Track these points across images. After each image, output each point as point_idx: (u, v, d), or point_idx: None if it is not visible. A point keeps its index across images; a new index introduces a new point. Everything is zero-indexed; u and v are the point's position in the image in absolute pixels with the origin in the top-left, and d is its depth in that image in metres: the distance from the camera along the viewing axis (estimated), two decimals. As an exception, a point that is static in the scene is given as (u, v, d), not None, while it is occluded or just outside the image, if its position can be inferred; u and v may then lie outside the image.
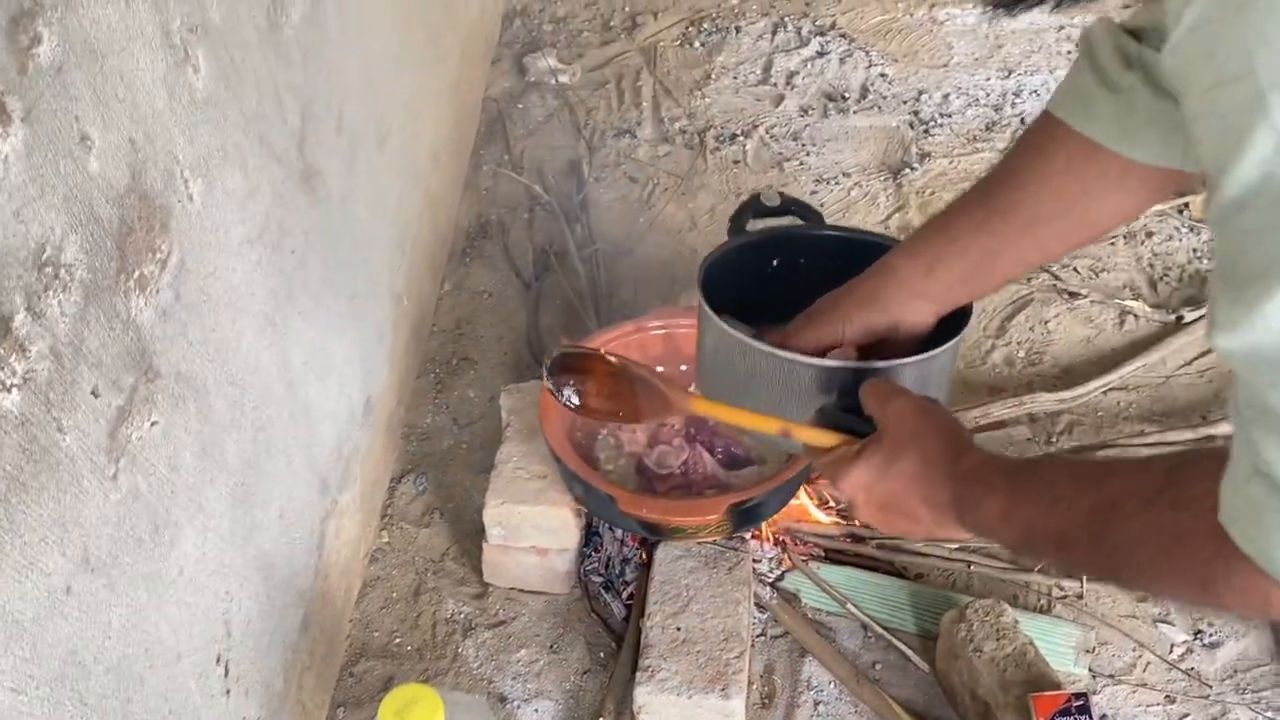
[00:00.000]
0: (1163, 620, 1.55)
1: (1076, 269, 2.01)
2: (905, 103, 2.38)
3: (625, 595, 1.55)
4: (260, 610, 1.26)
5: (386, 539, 1.69)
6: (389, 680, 1.52)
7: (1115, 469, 0.78)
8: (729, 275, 1.14)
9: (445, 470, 1.77)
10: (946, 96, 2.38)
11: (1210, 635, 1.53)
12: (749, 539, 1.55)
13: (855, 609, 1.54)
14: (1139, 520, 0.70)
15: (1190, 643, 1.53)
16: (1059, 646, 1.48)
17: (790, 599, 1.57)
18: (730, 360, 1.05)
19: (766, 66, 2.49)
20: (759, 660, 1.52)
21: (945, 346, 1.02)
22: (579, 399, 1.09)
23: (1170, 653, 1.52)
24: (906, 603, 1.55)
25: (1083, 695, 1.34)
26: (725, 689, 1.38)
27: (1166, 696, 1.48)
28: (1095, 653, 1.51)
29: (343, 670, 1.54)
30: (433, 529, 1.70)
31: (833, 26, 2.56)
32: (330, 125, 1.45)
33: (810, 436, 0.99)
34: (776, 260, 1.20)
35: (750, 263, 1.19)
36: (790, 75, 2.46)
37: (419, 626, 1.59)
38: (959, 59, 2.45)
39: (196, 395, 1.09)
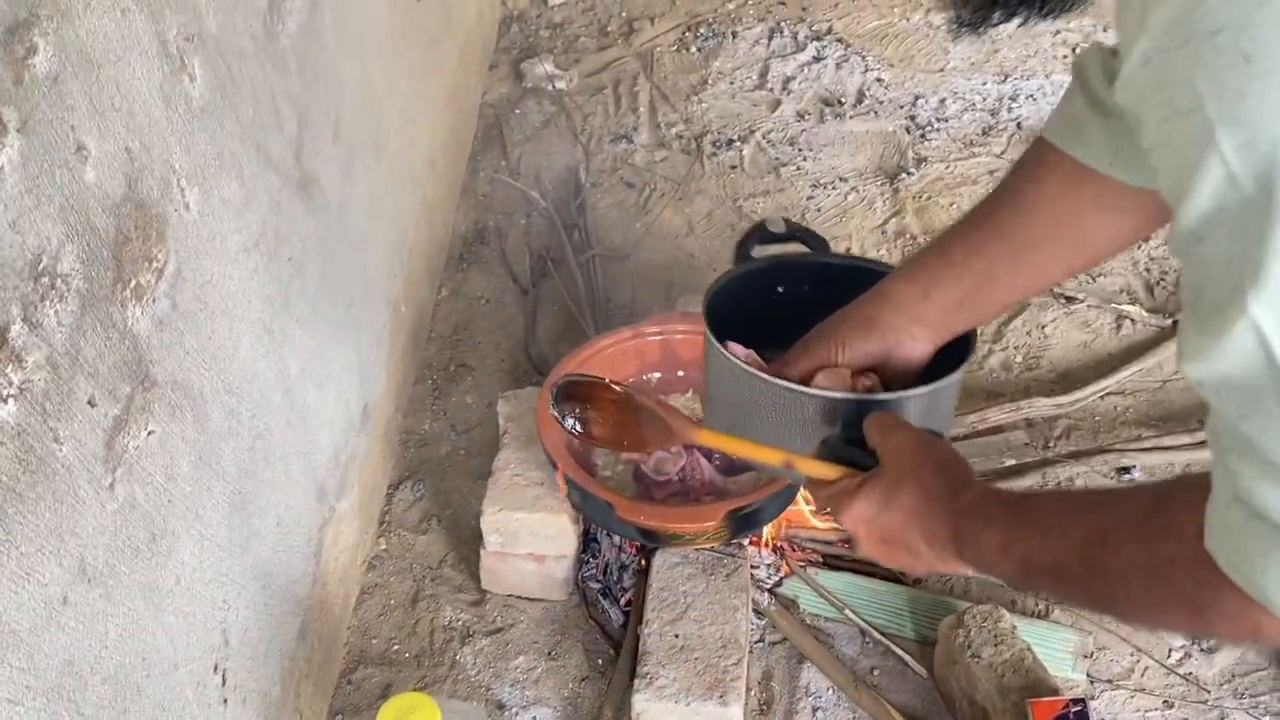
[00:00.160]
0: (1161, 625, 1.55)
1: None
2: (901, 107, 2.38)
3: (623, 602, 1.55)
4: (258, 618, 1.26)
5: (384, 546, 1.69)
6: (387, 688, 1.52)
7: (1105, 499, 0.79)
8: (734, 302, 1.14)
9: (443, 477, 1.77)
10: (943, 101, 2.38)
11: (1208, 640, 1.53)
12: (747, 545, 1.55)
13: (853, 615, 1.54)
14: (1129, 549, 0.70)
15: (1188, 647, 1.53)
16: (1057, 652, 1.48)
17: (788, 605, 1.57)
18: (735, 389, 1.06)
19: (763, 72, 2.49)
20: (757, 666, 1.52)
21: (951, 378, 1.02)
22: (584, 427, 1.10)
23: (1168, 657, 1.52)
24: (904, 608, 1.55)
25: (1081, 701, 1.34)
26: (723, 696, 1.38)
27: (1165, 701, 1.48)
28: (1093, 658, 1.51)
29: (341, 678, 1.54)
30: (430, 536, 1.70)
31: (829, 31, 2.56)
32: (327, 133, 1.45)
33: (812, 469, 0.99)
34: (781, 287, 1.19)
35: (755, 290, 1.18)
36: (787, 80, 2.46)
37: (417, 633, 1.59)
38: (955, 64, 2.45)
39: (193, 404, 1.09)
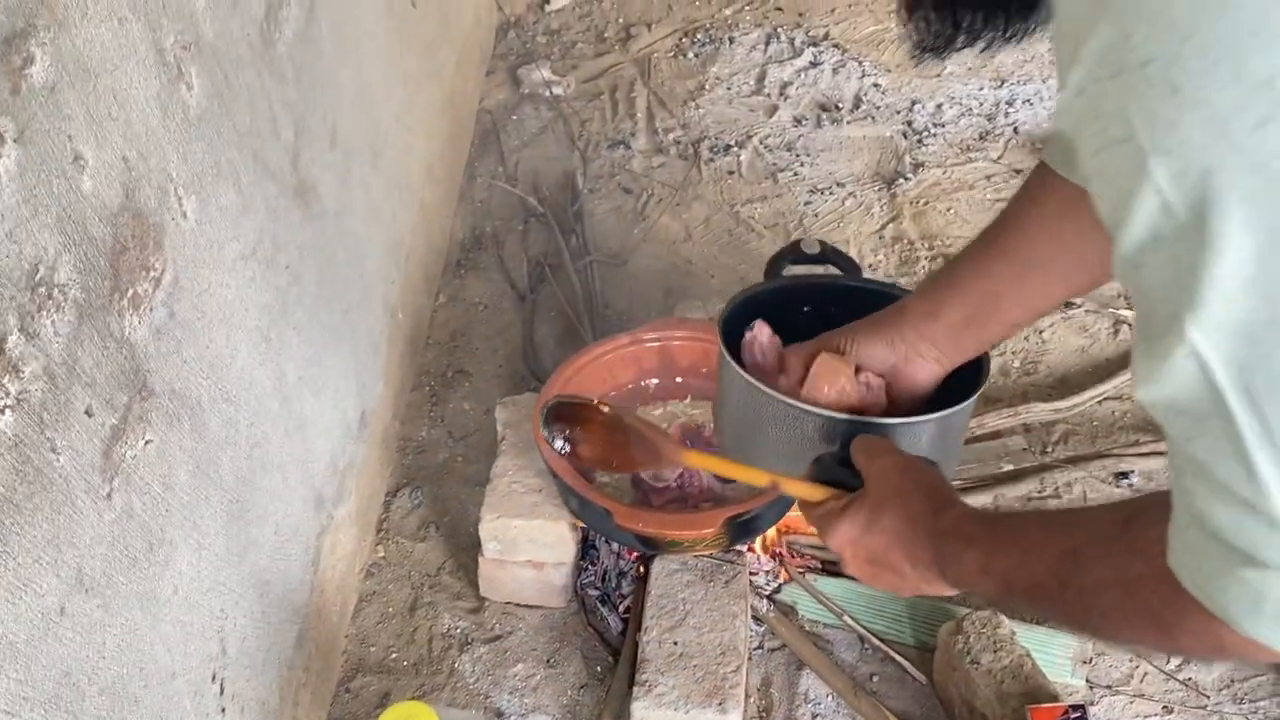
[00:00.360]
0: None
1: (1071, 278, 2.01)
2: (898, 113, 2.38)
3: (622, 609, 1.55)
4: (255, 627, 1.26)
5: (382, 553, 1.69)
6: (385, 696, 1.52)
7: (1079, 518, 0.80)
8: (758, 315, 1.15)
9: (441, 484, 1.77)
10: (940, 106, 2.38)
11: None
12: (745, 552, 1.55)
13: (852, 621, 1.54)
14: (1100, 567, 0.70)
15: (1187, 653, 1.53)
16: (1056, 657, 1.48)
17: (787, 612, 1.57)
18: (741, 400, 1.07)
19: (760, 77, 2.49)
20: (756, 673, 1.52)
21: (963, 405, 1.03)
22: (573, 447, 1.11)
23: (1167, 663, 1.52)
24: (903, 614, 1.55)
25: (1080, 707, 1.34)
26: (723, 703, 1.37)
27: (1164, 707, 1.48)
28: (1092, 663, 1.51)
29: (339, 686, 1.54)
30: (428, 543, 1.70)
31: (826, 37, 2.56)
32: (324, 140, 1.45)
33: (798, 490, 1.00)
34: (808, 307, 1.20)
35: (781, 306, 1.19)
36: (784, 86, 2.46)
37: (415, 641, 1.58)
38: (952, 69, 2.45)
39: (191, 413, 1.09)
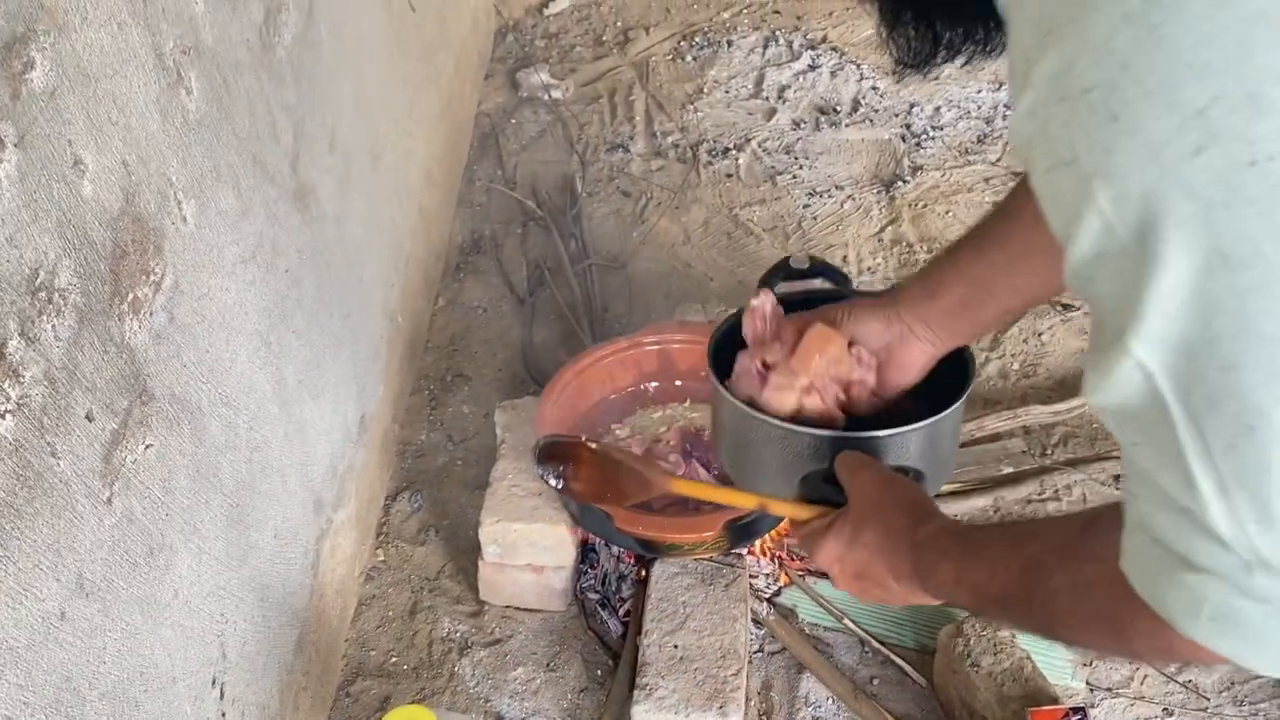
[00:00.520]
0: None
1: (1069, 281, 2.01)
2: (897, 116, 2.38)
3: (622, 612, 1.55)
4: (255, 631, 1.26)
5: (382, 557, 1.69)
6: (385, 700, 1.52)
7: (1042, 526, 0.83)
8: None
9: (440, 487, 1.77)
10: (938, 109, 2.39)
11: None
12: (745, 555, 1.55)
13: (852, 624, 1.54)
14: (1060, 573, 0.73)
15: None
16: (1056, 660, 1.48)
17: (787, 615, 1.57)
18: (733, 424, 1.09)
19: (758, 80, 2.49)
20: (756, 677, 1.51)
21: (948, 412, 1.04)
22: (566, 483, 1.16)
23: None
24: (904, 617, 1.55)
25: (1081, 709, 1.34)
26: (723, 706, 1.37)
27: (1164, 709, 1.48)
28: (1092, 666, 1.51)
29: (339, 690, 1.53)
30: (428, 547, 1.70)
31: (824, 40, 2.57)
32: (323, 143, 1.45)
33: (785, 510, 1.03)
34: None
35: None
36: (782, 89, 2.46)
37: (415, 645, 1.58)
38: (950, 71, 2.44)
39: (191, 417, 1.09)
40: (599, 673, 1.54)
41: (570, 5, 2.76)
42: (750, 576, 1.55)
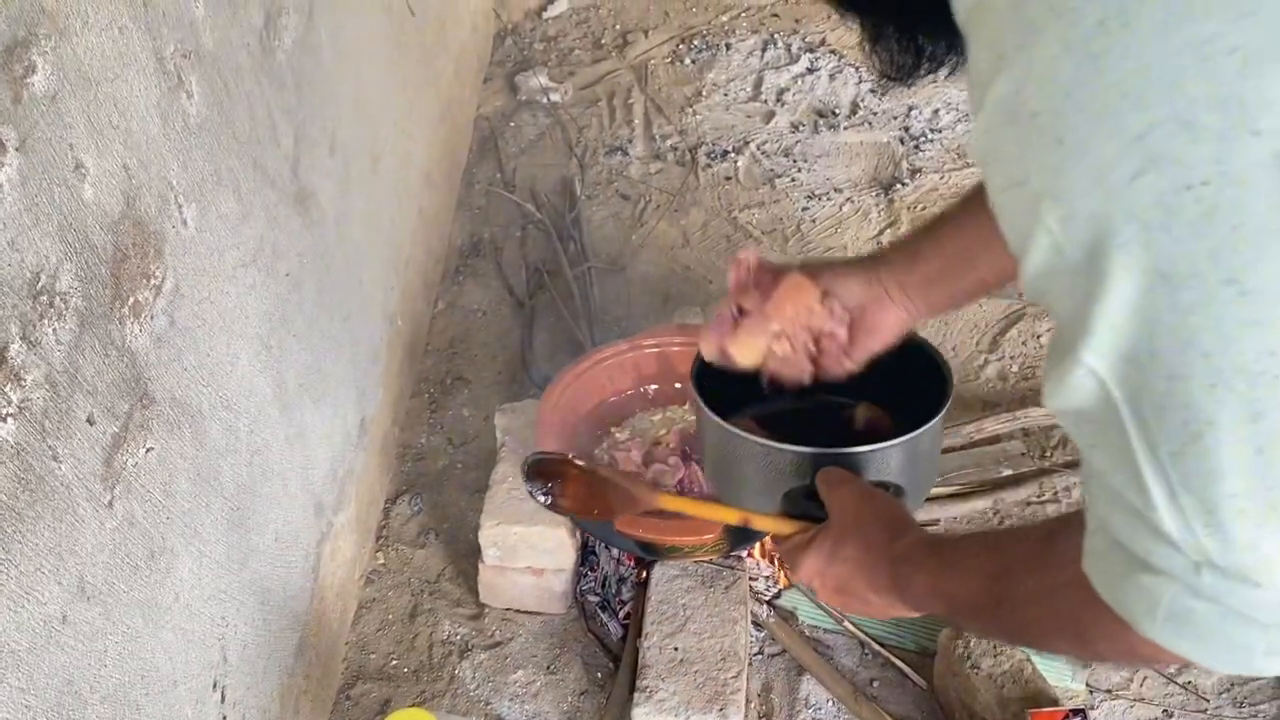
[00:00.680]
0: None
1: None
2: (895, 118, 2.39)
3: (622, 615, 1.55)
4: (256, 635, 1.26)
5: (382, 560, 1.69)
6: (386, 703, 1.52)
7: (1011, 534, 0.87)
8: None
9: (440, 490, 1.77)
10: (936, 112, 2.39)
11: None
12: (745, 557, 1.55)
13: (852, 626, 1.54)
14: (1028, 578, 0.74)
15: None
16: (1056, 662, 1.48)
17: (787, 617, 1.57)
18: (718, 442, 1.10)
19: (757, 83, 2.50)
20: (756, 679, 1.51)
21: (927, 426, 1.05)
22: (554, 500, 1.18)
23: (1167, 666, 1.52)
24: (903, 620, 1.55)
25: (1080, 711, 1.34)
26: (723, 708, 1.37)
27: (1164, 711, 1.48)
28: (1092, 667, 1.51)
29: (339, 694, 1.53)
30: (428, 550, 1.70)
31: (822, 43, 2.57)
32: (324, 147, 1.45)
33: (767, 525, 1.04)
34: None
35: None
36: (781, 92, 2.46)
37: (415, 648, 1.58)
38: (947, 72, 2.45)
39: (191, 420, 1.09)
40: (599, 675, 1.54)
41: (569, 8, 2.76)
42: (750, 579, 1.55)
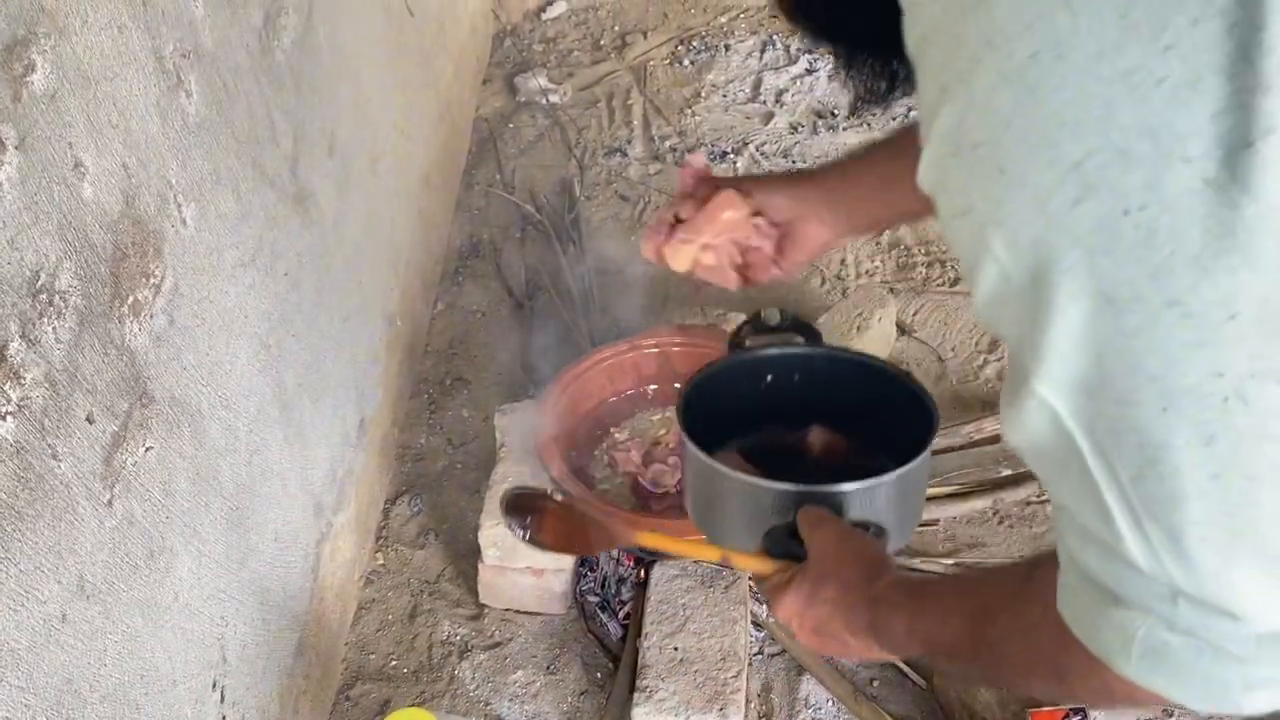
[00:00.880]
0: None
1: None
2: (895, 119, 2.39)
3: (622, 615, 1.55)
4: (256, 635, 1.26)
5: (382, 561, 1.69)
6: (385, 704, 1.52)
7: (989, 574, 0.85)
8: (722, 389, 1.18)
9: (440, 491, 1.77)
10: (935, 112, 2.39)
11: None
12: (745, 557, 1.55)
13: (852, 626, 1.54)
14: (1005, 617, 0.74)
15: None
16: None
17: (787, 617, 1.57)
18: (702, 476, 1.10)
19: (756, 84, 2.50)
20: (756, 679, 1.51)
21: (914, 464, 1.05)
22: (533, 534, 1.17)
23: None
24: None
25: (1081, 711, 1.34)
26: (723, 708, 1.37)
27: (1165, 711, 1.48)
28: (1092, 667, 1.51)
29: (339, 694, 1.53)
30: (428, 550, 1.70)
31: (821, 44, 2.57)
32: (323, 148, 1.45)
33: (747, 564, 1.04)
34: (770, 376, 1.22)
35: (743, 378, 1.21)
36: (780, 93, 2.47)
37: (415, 649, 1.58)
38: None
39: (191, 420, 1.09)
40: (599, 675, 1.54)
41: (568, 10, 2.76)
42: (750, 579, 1.55)
